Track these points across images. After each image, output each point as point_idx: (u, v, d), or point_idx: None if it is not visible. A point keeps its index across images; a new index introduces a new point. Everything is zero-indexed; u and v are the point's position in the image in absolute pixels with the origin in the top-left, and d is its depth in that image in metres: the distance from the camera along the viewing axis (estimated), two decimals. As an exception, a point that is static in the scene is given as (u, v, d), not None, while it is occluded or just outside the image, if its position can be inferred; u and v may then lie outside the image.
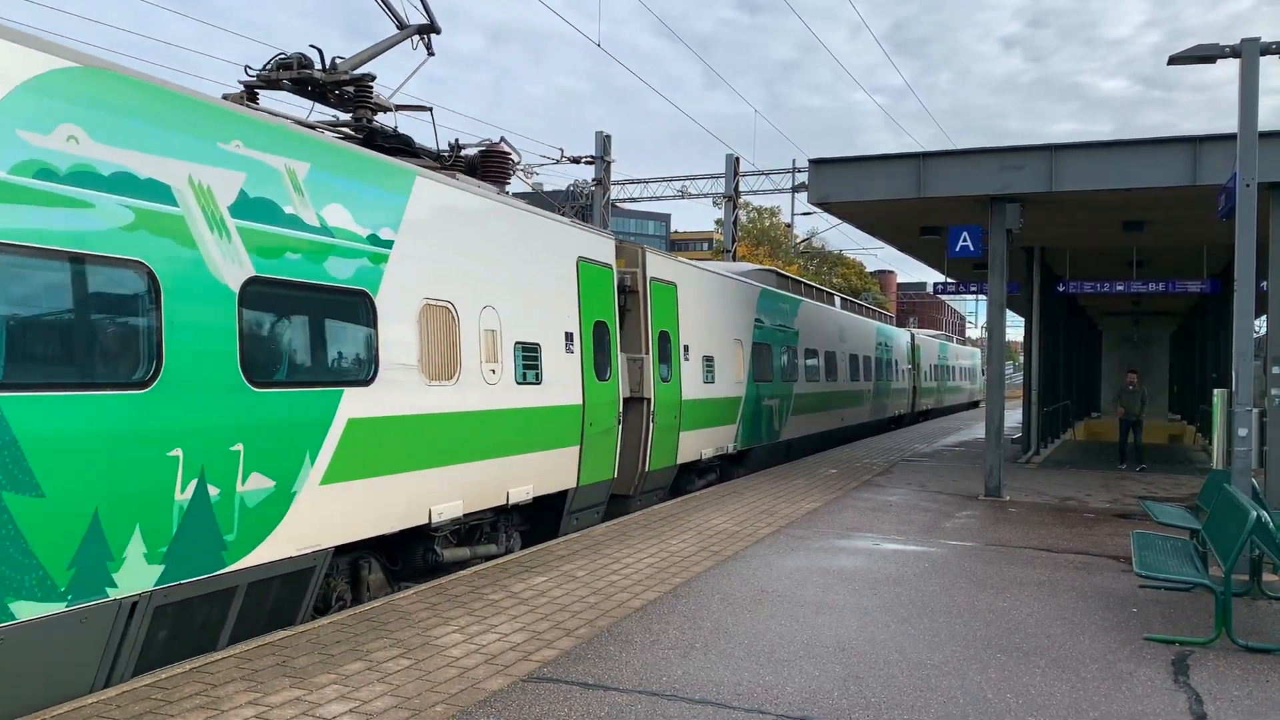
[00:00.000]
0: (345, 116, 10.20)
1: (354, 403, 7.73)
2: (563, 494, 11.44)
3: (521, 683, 6.01)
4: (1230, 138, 11.97)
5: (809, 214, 48.64)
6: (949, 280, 25.60)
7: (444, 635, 6.97)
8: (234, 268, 6.66)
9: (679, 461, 15.22)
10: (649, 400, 13.86)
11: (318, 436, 7.36)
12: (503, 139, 11.33)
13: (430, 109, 11.03)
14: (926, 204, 15.63)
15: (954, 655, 6.72)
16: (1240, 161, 10.08)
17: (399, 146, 10.06)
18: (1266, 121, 12.62)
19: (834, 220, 26.76)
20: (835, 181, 15.66)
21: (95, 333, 5.80)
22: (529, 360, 10.45)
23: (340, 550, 8.03)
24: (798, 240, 66.82)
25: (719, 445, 16.99)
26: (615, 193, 33.29)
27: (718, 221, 72.04)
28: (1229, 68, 15.17)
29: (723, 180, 33.45)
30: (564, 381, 11.22)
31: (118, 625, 5.91)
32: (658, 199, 36.70)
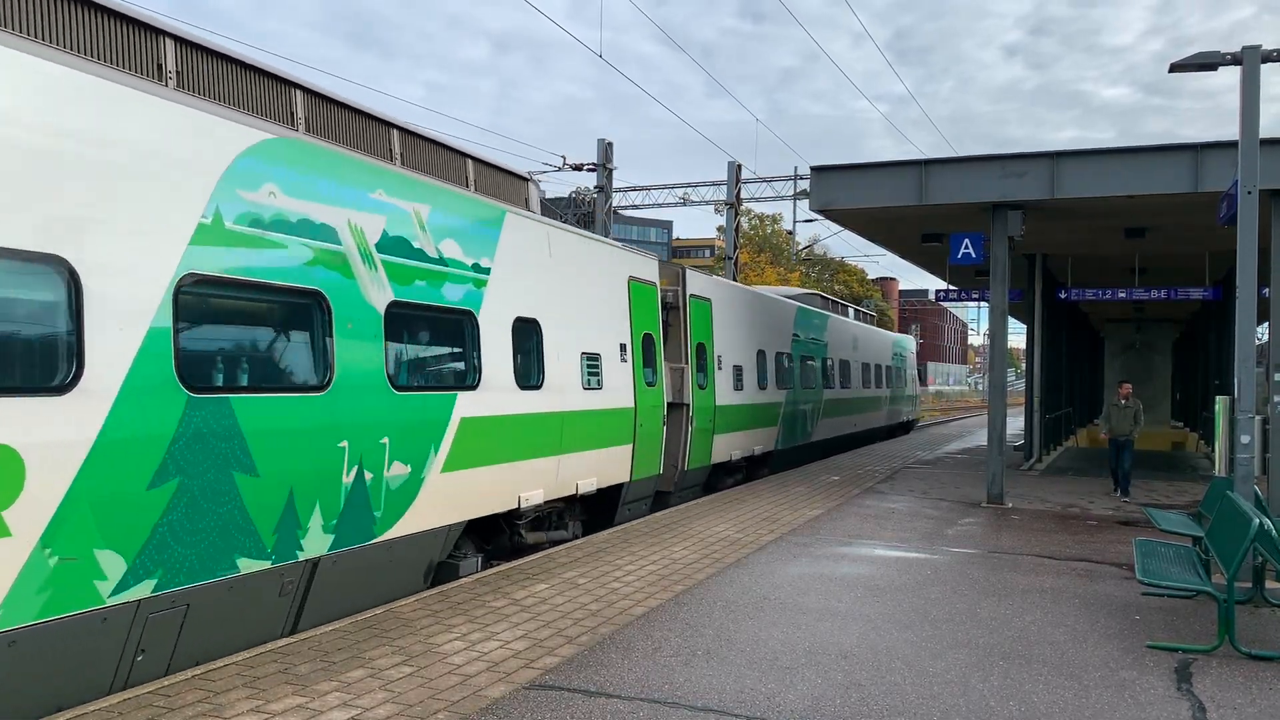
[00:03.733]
0: None
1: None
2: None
3: (523, 690, 6.01)
4: (1232, 145, 12.00)
5: (810, 221, 48.70)
6: (951, 287, 25.61)
7: (446, 642, 6.97)
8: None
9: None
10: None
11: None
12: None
13: None
14: (928, 211, 15.65)
15: (956, 663, 6.71)
16: (1242, 168, 10.09)
17: None
18: (1268, 129, 12.64)
19: (836, 227, 26.03)
20: (837, 188, 15.68)
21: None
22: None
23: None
24: (799, 247, 66.87)
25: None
26: (617, 200, 33.34)
27: (719, 229, 72.17)
28: (1230, 75, 15.18)
29: (724, 187, 33.49)
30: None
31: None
32: (660, 206, 36.72)
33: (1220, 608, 7.14)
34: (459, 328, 9.38)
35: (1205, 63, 10.75)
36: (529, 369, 10.59)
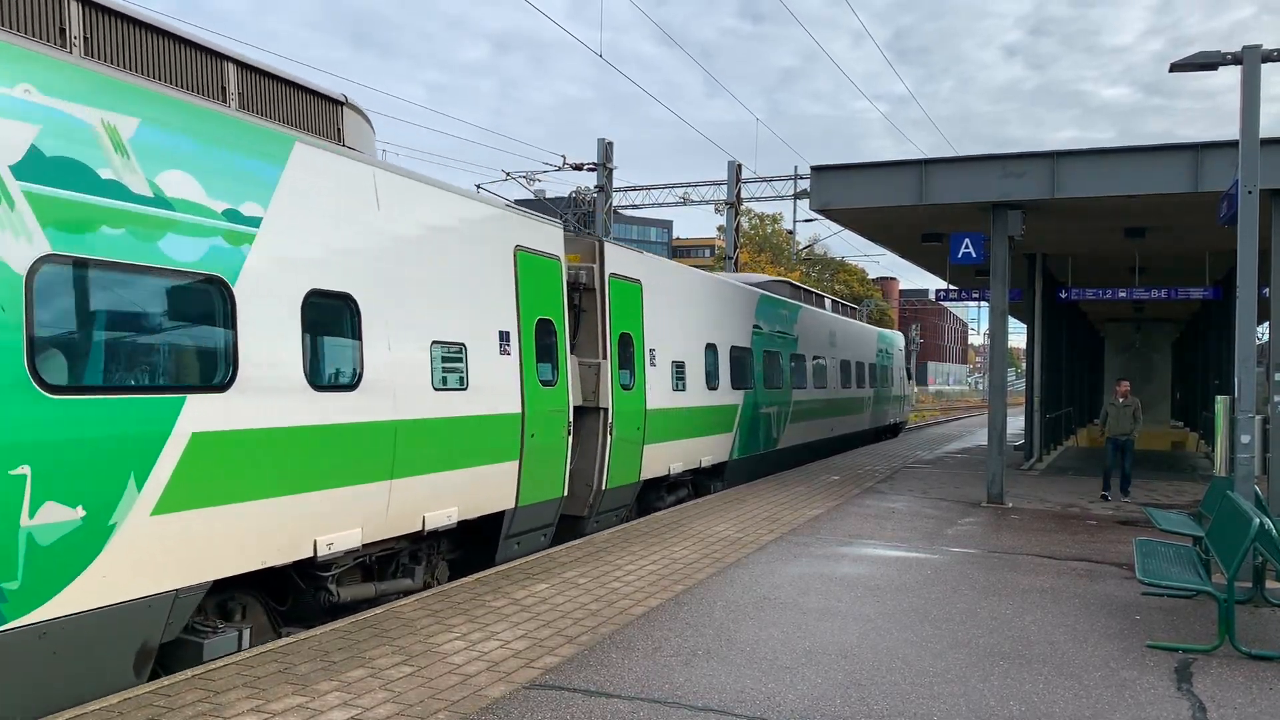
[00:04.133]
0: None
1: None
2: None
3: (523, 690, 6.01)
4: (1232, 144, 12.00)
5: (811, 220, 48.69)
6: (951, 287, 25.61)
7: (446, 642, 6.97)
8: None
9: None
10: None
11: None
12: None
13: None
14: (928, 211, 15.64)
15: (957, 662, 6.71)
16: (1242, 168, 10.09)
17: None
18: (1268, 128, 12.64)
19: (836, 227, 25.32)
20: (837, 188, 15.68)
21: None
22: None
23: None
24: (799, 247, 66.90)
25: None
26: (617, 200, 33.34)
27: (719, 228, 72.25)
28: (1230, 75, 15.21)
29: (724, 187, 33.50)
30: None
31: None
32: (660, 206, 36.72)
33: (1220, 607, 7.14)
34: (197, 301, 6.50)
35: (1206, 62, 10.75)
36: (334, 362, 7.68)
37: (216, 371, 6.60)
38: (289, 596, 7.84)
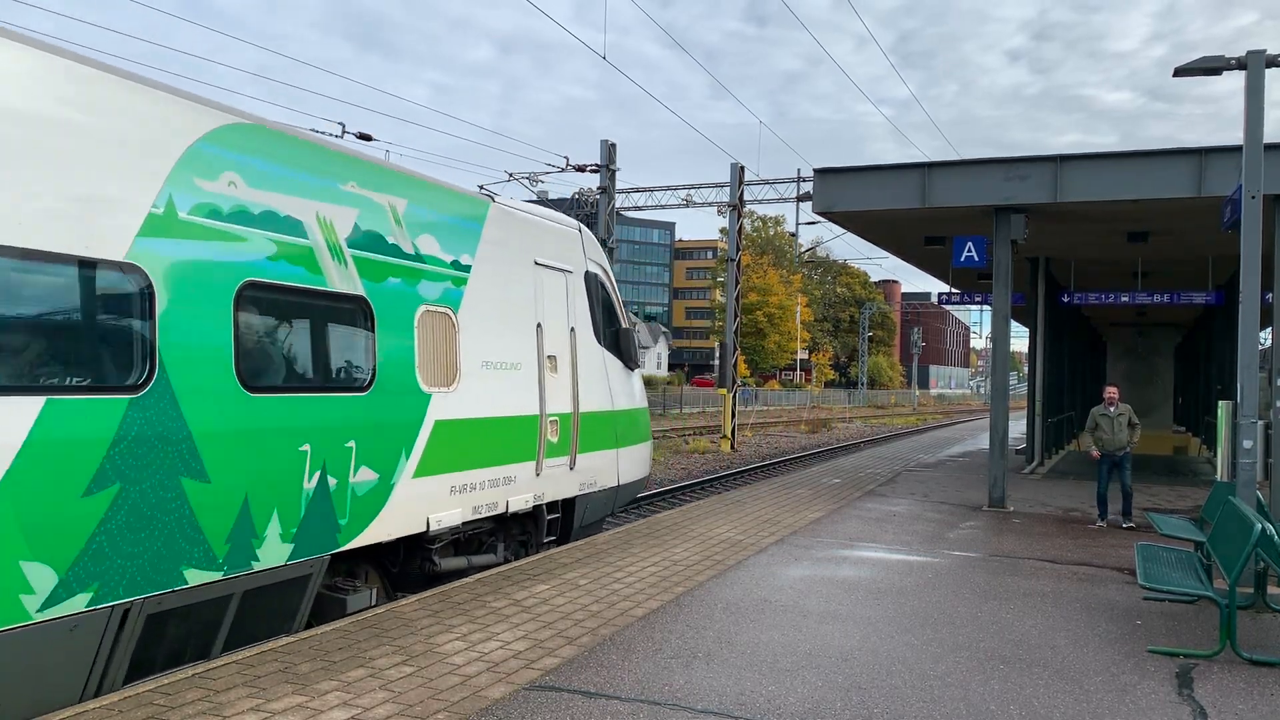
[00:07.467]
0: None
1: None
2: None
3: (523, 691, 6.00)
4: (1236, 149, 11.99)
5: (814, 223, 48.64)
6: (953, 290, 25.61)
7: (446, 642, 6.97)
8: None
9: None
10: None
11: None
12: None
13: None
14: (931, 214, 15.64)
15: (957, 666, 6.70)
16: (1245, 173, 10.09)
17: None
18: (1272, 134, 12.60)
19: (839, 229, 25.50)
20: (840, 191, 15.68)
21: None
22: None
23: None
24: (802, 249, 66.91)
25: None
26: (620, 201, 33.37)
27: (722, 230, 72.26)
28: (1234, 80, 15.21)
29: (727, 189, 33.50)
30: None
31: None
32: (663, 207, 36.75)
33: (1222, 613, 7.13)
34: None
35: (1210, 67, 10.74)
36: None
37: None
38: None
